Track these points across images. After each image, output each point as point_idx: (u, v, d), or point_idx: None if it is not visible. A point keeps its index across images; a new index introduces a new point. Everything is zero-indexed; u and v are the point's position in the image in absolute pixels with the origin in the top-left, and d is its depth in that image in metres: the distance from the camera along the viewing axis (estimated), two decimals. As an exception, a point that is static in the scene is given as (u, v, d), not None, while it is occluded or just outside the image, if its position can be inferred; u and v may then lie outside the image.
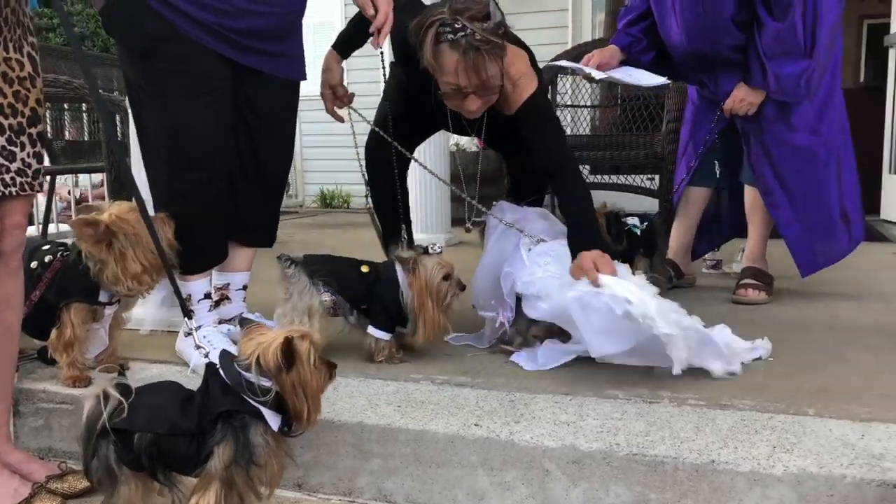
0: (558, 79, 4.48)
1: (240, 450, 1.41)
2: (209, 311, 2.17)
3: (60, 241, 2.14)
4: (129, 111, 2.12)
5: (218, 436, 1.41)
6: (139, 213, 1.84)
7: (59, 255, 2.02)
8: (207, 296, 2.18)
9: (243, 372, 1.42)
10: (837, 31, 2.66)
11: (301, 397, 1.43)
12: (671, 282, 3.04)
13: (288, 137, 2.30)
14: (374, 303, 2.10)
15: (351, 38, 2.40)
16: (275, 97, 2.20)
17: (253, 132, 2.18)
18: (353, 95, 2.40)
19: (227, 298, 2.28)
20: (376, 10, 2.11)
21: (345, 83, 2.41)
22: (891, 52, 5.39)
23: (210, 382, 1.45)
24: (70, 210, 4.87)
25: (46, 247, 2.05)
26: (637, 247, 2.81)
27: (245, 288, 2.32)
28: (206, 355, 1.66)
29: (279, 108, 2.23)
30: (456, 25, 2.01)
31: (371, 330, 2.10)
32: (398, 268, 2.10)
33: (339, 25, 7.20)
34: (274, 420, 1.43)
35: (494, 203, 2.42)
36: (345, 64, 2.42)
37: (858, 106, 7.41)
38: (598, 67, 2.72)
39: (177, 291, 1.82)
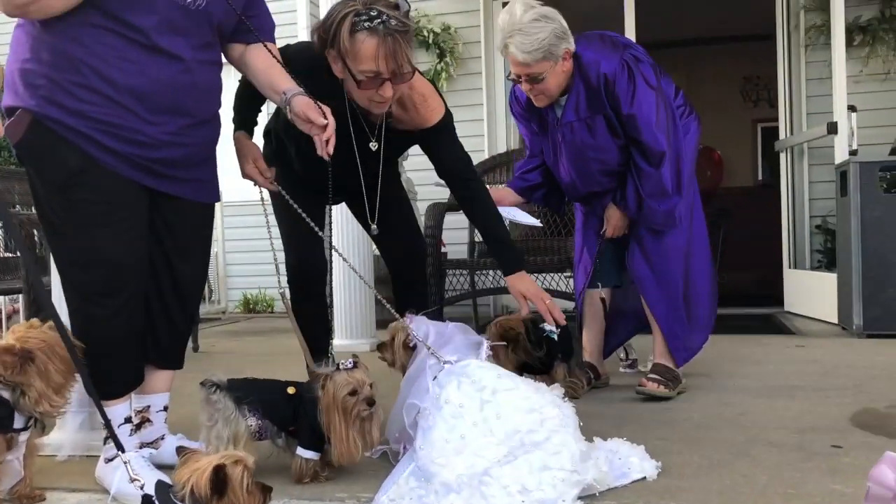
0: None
1: None
2: (130, 435, 2.15)
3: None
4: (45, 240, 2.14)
5: None
6: (48, 323, 1.91)
7: None
8: (128, 420, 2.16)
9: (178, 502, 1.43)
10: (693, 160, 3.09)
11: None
12: (590, 383, 3.14)
13: (203, 259, 2.35)
14: (301, 423, 2.10)
15: (250, 115, 2.49)
16: (191, 220, 2.24)
17: (170, 255, 2.22)
18: (273, 170, 2.45)
19: (149, 421, 2.26)
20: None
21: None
22: (782, 155, 5.82)
23: None
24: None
25: None
26: (555, 352, 2.91)
27: (166, 409, 2.31)
28: (142, 487, 1.65)
29: (195, 230, 2.28)
30: (372, 13, 2.10)
31: (299, 451, 2.09)
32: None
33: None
34: None
35: (408, 313, 2.44)
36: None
37: (758, 203, 7.89)
38: None
39: (100, 410, 1.81)
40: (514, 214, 3.09)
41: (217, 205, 2.36)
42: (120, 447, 1.78)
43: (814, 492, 1.90)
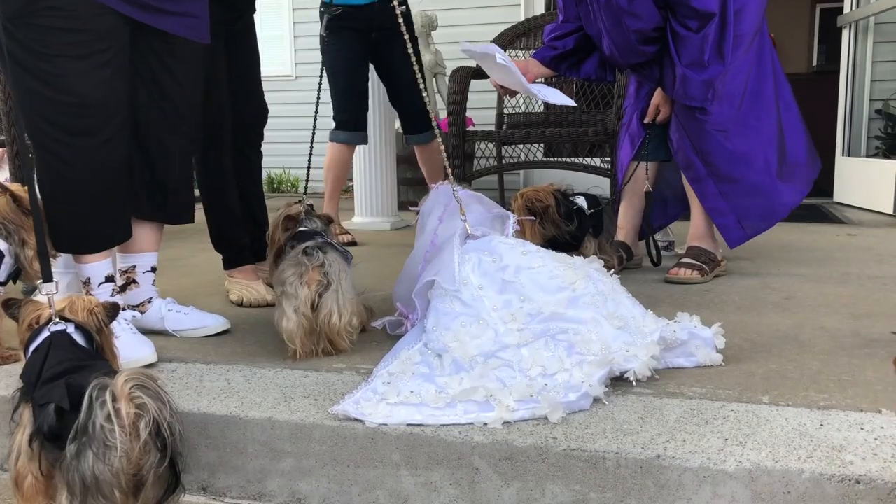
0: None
1: None
2: (112, 296, 1.95)
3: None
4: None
5: None
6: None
7: None
8: (109, 279, 1.96)
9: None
10: (755, 20, 2.61)
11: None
12: (622, 263, 2.90)
13: (195, 103, 2.09)
14: None
15: None
16: (187, 60, 2.01)
17: (160, 98, 1.98)
18: None
19: (134, 282, 2.06)
20: None
21: None
22: (844, 32, 5.33)
23: None
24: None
25: None
26: (586, 227, 2.67)
27: (154, 270, 2.11)
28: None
29: (193, 70, 2.04)
30: None
31: None
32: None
33: (289, 40, 6.90)
34: None
35: (434, 185, 2.26)
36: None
37: (811, 91, 7.42)
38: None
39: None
40: (546, 94, 2.65)
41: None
42: (48, 277, 1.50)
43: (873, 379, 1.66)
